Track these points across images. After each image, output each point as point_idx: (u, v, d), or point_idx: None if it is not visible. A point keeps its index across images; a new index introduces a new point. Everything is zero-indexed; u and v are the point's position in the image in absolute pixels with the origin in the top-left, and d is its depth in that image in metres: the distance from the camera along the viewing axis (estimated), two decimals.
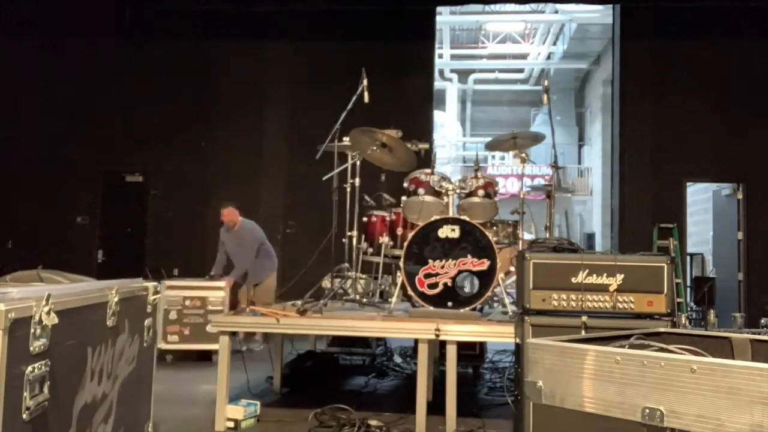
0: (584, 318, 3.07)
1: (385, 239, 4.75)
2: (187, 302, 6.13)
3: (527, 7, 16.45)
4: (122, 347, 2.31)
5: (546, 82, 5.46)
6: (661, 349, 1.63)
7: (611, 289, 3.10)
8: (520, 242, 4.72)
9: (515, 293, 3.64)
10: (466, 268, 4.18)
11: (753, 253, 8.78)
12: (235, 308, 6.09)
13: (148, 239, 9.17)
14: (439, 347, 4.47)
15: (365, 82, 5.00)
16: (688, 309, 9.10)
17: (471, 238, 4.21)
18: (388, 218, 4.87)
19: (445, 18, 17.22)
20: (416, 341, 3.95)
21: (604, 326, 2.88)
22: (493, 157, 23.20)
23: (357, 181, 5.01)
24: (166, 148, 9.21)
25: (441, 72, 20.44)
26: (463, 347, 4.60)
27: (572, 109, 22.88)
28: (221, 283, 6.34)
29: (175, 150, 9.23)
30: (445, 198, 4.58)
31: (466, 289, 4.38)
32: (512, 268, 4.58)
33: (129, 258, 8.96)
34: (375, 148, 4.78)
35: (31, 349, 1.57)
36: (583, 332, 2.99)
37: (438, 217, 4.30)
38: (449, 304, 4.16)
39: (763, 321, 4.29)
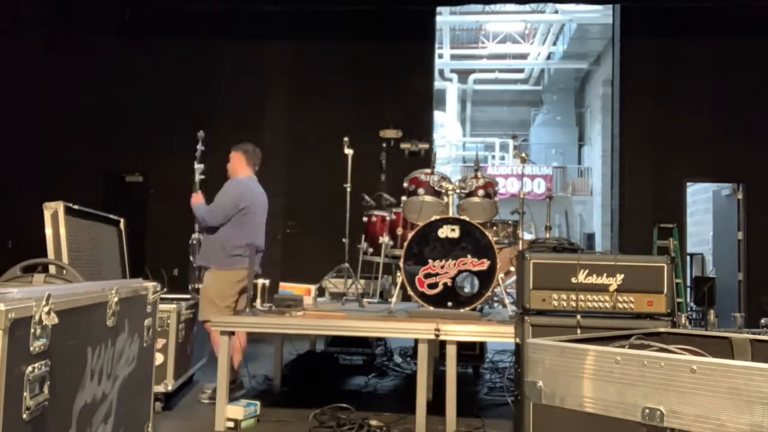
0: (578, 317, 3.07)
1: (385, 239, 4.76)
2: None
3: (527, 7, 16.44)
4: (122, 347, 2.31)
5: None
6: (661, 349, 1.63)
7: (611, 289, 3.10)
8: (520, 242, 4.72)
9: (515, 293, 3.64)
10: (466, 268, 4.18)
11: (753, 253, 8.78)
12: None
13: (148, 239, 9.17)
14: (439, 347, 4.48)
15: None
16: (688, 309, 9.09)
17: (471, 238, 4.21)
18: (388, 218, 4.87)
19: (445, 18, 17.22)
20: (416, 341, 3.95)
21: (604, 326, 2.88)
22: (493, 157, 23.20)
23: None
24: (166, 148, 9.19)
25: (441, 72, 20.43)
26: (463, 347, 4.60)
27: (572, 109, 22.86)
28: None
29: (175, 150, 9.19)
30: (445, 198, 4.58)
31: (466, 289, 4.38)
32: (512, 268, 4.58)
33: (129, 258, 8.94)
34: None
35: (31, 349, 1.56)
36: (578, 331, 3.00)
37: (438, 217, 4.30)
38: (449, 304, 4.16)
39: (763, 321, 4.30)
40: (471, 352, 5.44)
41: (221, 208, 4.73)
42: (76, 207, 3.91)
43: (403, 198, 4.73)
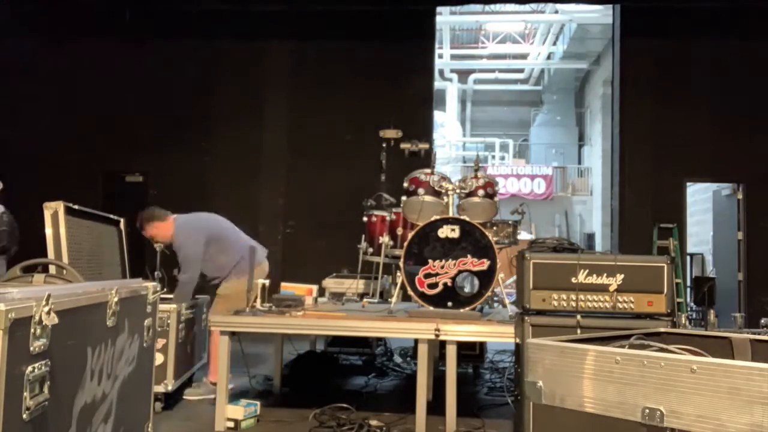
0: (578, 317, 3.07)
1: (385, 239, 4.75)
2: None
3: (527, 7, 16.46)
4: (122, 347, 2.31)
5: None
6: (661, 349, 1.63)
7: (611, 289, 3.10)
8: (520, 242, 4.72)
9: (515, 293, 3.64)
10: (466, 268, 4.18)
11: (753, 253, 8.78)
12: None
13: (148, 239, 9.16)
14: (439, 347, 4.48)
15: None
16: (688, 309, 9.09)
17: (471, 238, 4.21)
18: (388, 218, 4.87)
19: (445, 18, 17.22)
20: (416, 341, 3.95)
21: (604, 326, 2.88)
22: (493, 157, 23.21)
23: None
24: (166, 148, 9.21)
25: (441, 72, 20.43)
26: (463, 347, 4.60)
27: (572, 109, 22.86)
28: None
29: (175, 150, 9.22)
30: (445, 198, 4.58)
31: (466, 289, 4.38)
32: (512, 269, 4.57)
33: (129, 258, 8.94)
34: None
35: (31, 349, 1.56)
36: (578, 331, 3.00)
37: (438, 217, 4.30)
38: (449, 304, 4.16)
39: (763, 321, 4.29)
40: (471, 352, 5.44)
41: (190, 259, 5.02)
42: (76, 207, 3.91)
43: (403, 198, 4.72)
